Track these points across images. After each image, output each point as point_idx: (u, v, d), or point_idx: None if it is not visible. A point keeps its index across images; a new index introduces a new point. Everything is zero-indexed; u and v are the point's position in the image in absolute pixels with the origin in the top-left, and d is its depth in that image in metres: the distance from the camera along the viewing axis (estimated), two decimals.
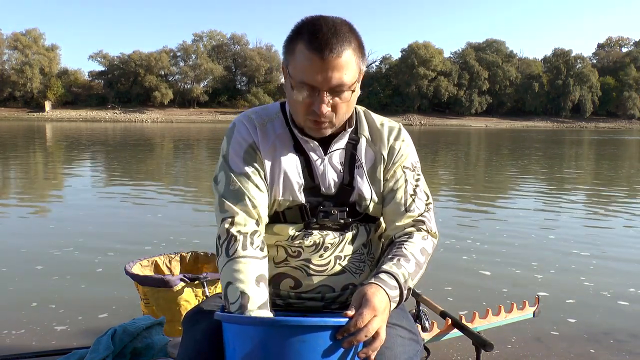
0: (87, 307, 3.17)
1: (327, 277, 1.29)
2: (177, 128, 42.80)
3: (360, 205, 1.31)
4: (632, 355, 2.69)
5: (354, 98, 1.23)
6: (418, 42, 78.08)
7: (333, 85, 1.16)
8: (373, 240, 1.37)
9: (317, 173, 1.30)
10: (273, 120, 1.33)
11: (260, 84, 76.86)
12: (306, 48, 1.14)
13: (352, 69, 1.18)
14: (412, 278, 1.20)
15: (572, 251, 4.78)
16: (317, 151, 1.30)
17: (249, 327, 1.03)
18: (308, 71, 1.15)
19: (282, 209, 1.29)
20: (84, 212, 6.33)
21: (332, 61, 1.13)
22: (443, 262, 4.28)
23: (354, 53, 1.17)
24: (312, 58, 1.13)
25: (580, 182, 11.02)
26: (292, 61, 1.18)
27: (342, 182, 1.30)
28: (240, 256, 1.18)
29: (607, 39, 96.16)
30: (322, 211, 1.28)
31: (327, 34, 1.13)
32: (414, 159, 1.37)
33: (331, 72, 1.14)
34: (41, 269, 3.95)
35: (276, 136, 1.31)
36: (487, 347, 1.66)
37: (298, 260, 1.28)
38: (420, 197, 1.33)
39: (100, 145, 19.92)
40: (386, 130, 1.36)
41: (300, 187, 1.28)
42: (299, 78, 1.16)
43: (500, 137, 35.68)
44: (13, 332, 2.81)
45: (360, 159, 1.32)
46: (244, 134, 1.30)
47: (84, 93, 71.57)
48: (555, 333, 2.94)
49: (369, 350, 1.04)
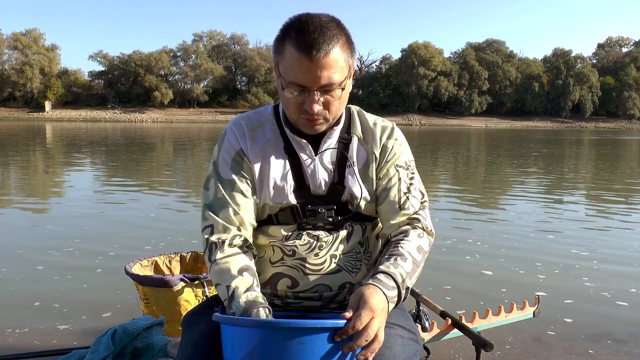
0: (87, 307, 3.18)
1: (324, 275, 1.29)
2: (177, 128, 42.79)
3: (352, 204, 1.31)
4: (632, 356, 2.69)
5: (345, 94, 1.24)
6: (418, 42, 78.06)
7: (322, 84, 1.17)
8: (370, 239, 1.38)
9: (307, 173, 1.30)
10: (264, 124, 1.34)
11: (260, 84, 76.84)
12: (294, 48, 1.15)
13: (341, 67, 1.18)
14: (409, 277, 1.20)
15: (572, 251, 4.78)
16: (307, 151, 1.31)
17: (246, 329, 1.03)
18: (297, 71, 1.16)
19: (275, 211, 1.30)
20: (84, 213, 6.32)
21: (320, 60, 1.14)
22: (443, 262, 4.28)
23: (342, 50, 1.18)
24: (300, 58, 1.14)
25: (580, 183, 11.02)
26: (281, 61, 1.19)
27: (332, 182, 1.31)
28: (219, 258, 1.23)
29: (607, 39, 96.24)
30: (310, 210, 1.28)
31: (313, 33, 1.14)
32: (407, 158, 1.37)
33: (320, 72, 1.15)
34: (42, 269, 3.96)
35: (266, 140, 1.32)
36: (487, 347, 1.66)
37: (294, 259, 1.29)
38: (415, 195, 1.33)
39: (100, 145, 19.91)
40: (379, 129, 1.36)
41: (291, 188, 1.29)
42: (289, 78, 1.18)
43: (500, 137, 35.68)
44: (17, 331, 2.81)
45: (352, 158, 1.33)
46: (233, 141, 1.32)
47: (84, 93, 71.53)
48: (555, 333, 2.94)
49: (367, 352, 1.04)
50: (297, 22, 1.17)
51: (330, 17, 1.20)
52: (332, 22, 1.18)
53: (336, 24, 1.19)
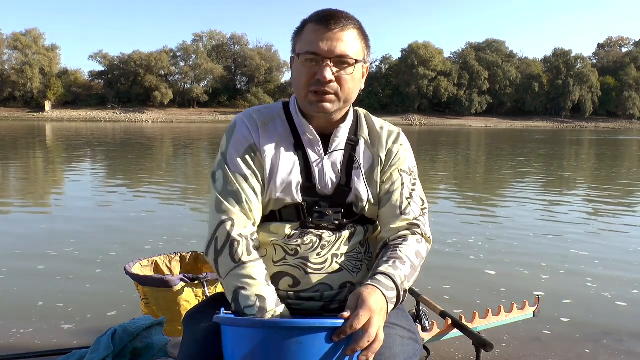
0: (87, 307, 3.18)
1: (325, 275, 1.29)
2: (177, 128, 42.78)
3: (357, 206, 1.32)
4: (631, 356, 2.69)
5: (357, 78, 1.28)
6: (418, 42, 78.12)
7: (337, 54, 1.21)
8: (371, 240, 1.38)
9: (315, 173, 1.31)
10: (275, 119, 1.35)
11: (260, 84, 76.87)
12: (314, 23, 1.23)
13: (357, 46, 1.25)
14: (408, 280, 1.21)
15: (572, 252, 4.78)
16: (316, 149, 1.31)
17: (247, 330, 1.04)
18: (314, 40, 1.22)
19: (279, 207, 1.30)
20: (83, 213, 6.32)
21: (337, 32, 1.22)
22: (443, 262, 4.28)
23: (359, 35, 1.26)
24: (318, 29, 1.22)
25: (581, 183, 11.02)
26: (299, 42, 1.26)
27: (339, 183, 1.31)
28: (247, 261, 1.22)
29: (607, 39, 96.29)
30: (317, 212, 1.29)
31: (334, 12, 1.23)
32: (411, 164, 1.38)
33: (336, 42, 1.21)
34: (43, 268, 3.96)
35: (277, 135, 1.32)
36: (487, 347, 1.67)
37: (296, 258, 1.29)
38: (416, 202, 1.35)
39: (99, 145, 19.90)
40: (385, 133, 1.38)
41: (298, 186, 1.30)
42: (305, 49, 1.23)
43: (500, 137, 35.67)
44: (17, 331, 2.81)
45: (359, 160, 1.34)
46: (245, 133, 1.31)
47: (84, 93, 71.53)
48: (555, 333, 2.94)
49: (368, 352, 1.05)
50: (318, 10, 1.26)
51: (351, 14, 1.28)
52: (352, 16, 1.27)
53: (356, 19, 1.28)
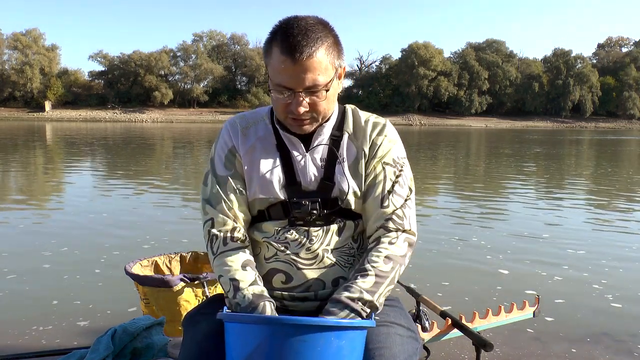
0: (87, 307, 3.18)
1: (317, 270, 1.30)
2: (177, 128, 42.79)
3: (342, 200, 1.33)
4: (631, 356, 2.69)
5: (332, 95, 1.27)
6: (418, 42, 77.99)
7: (307, 86, 1.20)
8: (364, 236, 1.39)
9: (297, 169, 1.33)
10: (257, 123, 1.39)
11: (260, 84, 76.76)
12: (279, 51, 1.19)
13: (326, 68, 1.21)
14: (371, 294, 1.21)
15: (572, 251, 4.78)
16: (299, 148, 1.34)
17: (250, 326, 1.05)
18: (282, 74, 1.20)
19: (265, 206, 1.33)
20: (83, 213, 6.32)
21: (304, 63, 1.18)
22: (443, 262, 4.29)
23: (327, 52, 1.21)
24: (284, 61, 1.18)
25: (581, 183, 11.03)
26: (269, 63, 1.24)
27: (322, 178, 1.32)
28: (223, 251, 1.29)
29: (607, 39, 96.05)
30: (294, 202, 1.30)
31: (297, 36, 1.17)
32: (396, 155, 1.37)
33: (304, 74, 1.19)
34: (42, 268, 3.96)
35: (257, 138, 1.36)
36: (487, 347, 1.67)
37: (286, 254, 1.31)
38: (400, 194, 1.34)
39: (99, 145, 19.91)
40: (370, 125, 1.38)
41: (281, 184, 1.32)
42: (275, 80, 1.22)
43: (501, 137, 35.67)
44: (16, 331, 2.81)
45: (342, 154, 1.35)
46: (226, 138, 1.38)
47: (84, 93, 71.44)
48: (555, 333, 2.94)
49: None
50: (283, 25, 1.21)
51: (317, 20, 1.23)
52: (319, 25, 1.22)
53: (323, 26, 1.22)
